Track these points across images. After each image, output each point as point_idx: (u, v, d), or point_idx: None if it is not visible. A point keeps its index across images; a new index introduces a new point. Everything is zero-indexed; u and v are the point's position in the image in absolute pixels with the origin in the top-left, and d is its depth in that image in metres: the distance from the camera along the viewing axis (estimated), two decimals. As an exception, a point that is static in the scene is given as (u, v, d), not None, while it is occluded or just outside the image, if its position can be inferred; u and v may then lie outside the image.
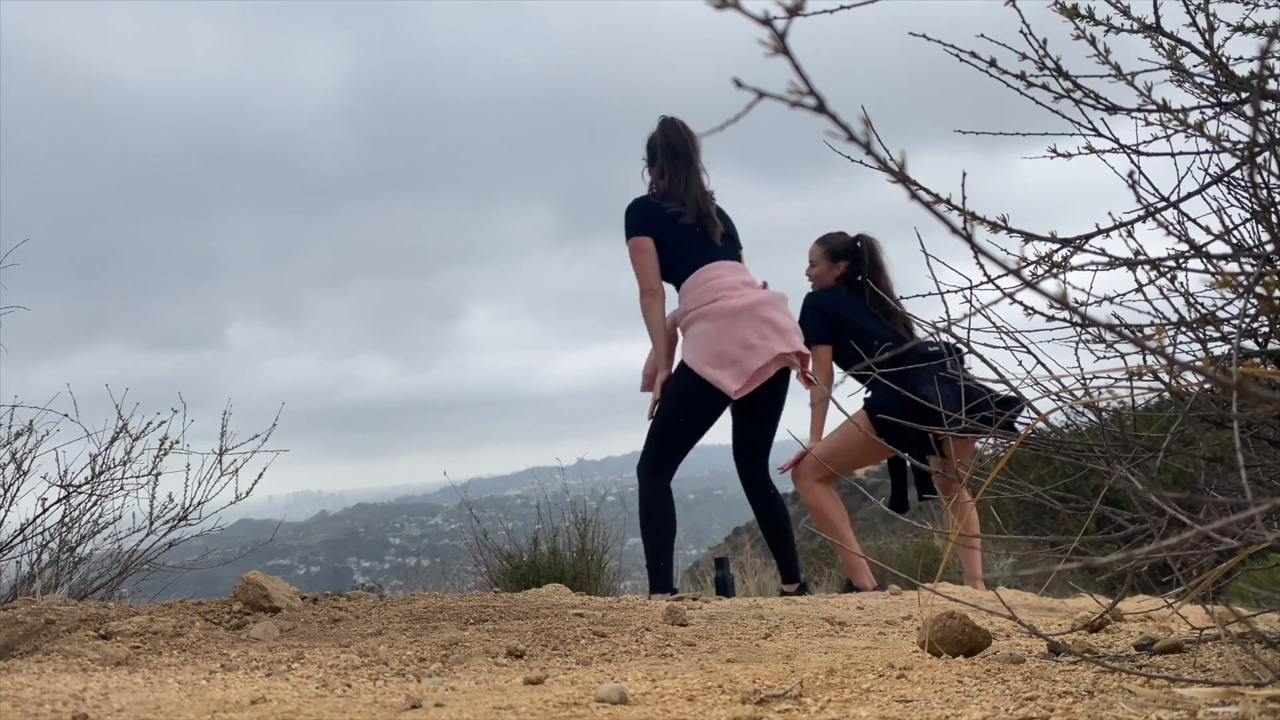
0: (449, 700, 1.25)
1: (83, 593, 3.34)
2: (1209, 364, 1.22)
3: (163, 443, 3.47)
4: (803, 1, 0.54)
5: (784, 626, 2.07)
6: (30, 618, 1.99)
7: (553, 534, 4.99)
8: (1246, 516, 0.84)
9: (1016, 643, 1.68)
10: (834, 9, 1.33)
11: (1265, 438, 1.40)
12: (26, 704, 1.18)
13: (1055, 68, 1.47)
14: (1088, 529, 1.41)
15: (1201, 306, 1.34)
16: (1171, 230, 1.37)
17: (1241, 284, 1.13)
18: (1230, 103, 1.41)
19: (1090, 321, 0.61)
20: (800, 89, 0.56)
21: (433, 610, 2.15)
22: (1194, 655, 1.40)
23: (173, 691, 1.36)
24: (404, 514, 71.14)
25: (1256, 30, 1.51)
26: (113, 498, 3.46)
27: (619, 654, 1.73)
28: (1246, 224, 1.36)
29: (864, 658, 1.54)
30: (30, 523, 3.31)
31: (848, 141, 0.57)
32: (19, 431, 3.31)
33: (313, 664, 1.59)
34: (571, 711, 1.16)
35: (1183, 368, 1.14)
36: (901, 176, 0.68)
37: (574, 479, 5.67)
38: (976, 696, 1.14)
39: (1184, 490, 1.43)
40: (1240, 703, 0.96)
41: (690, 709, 1.15)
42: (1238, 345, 1.18)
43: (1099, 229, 1.38)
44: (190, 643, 1.82)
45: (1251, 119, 0.93)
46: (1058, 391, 1.41)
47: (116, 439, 3.42)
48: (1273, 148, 1.23)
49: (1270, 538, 1.02)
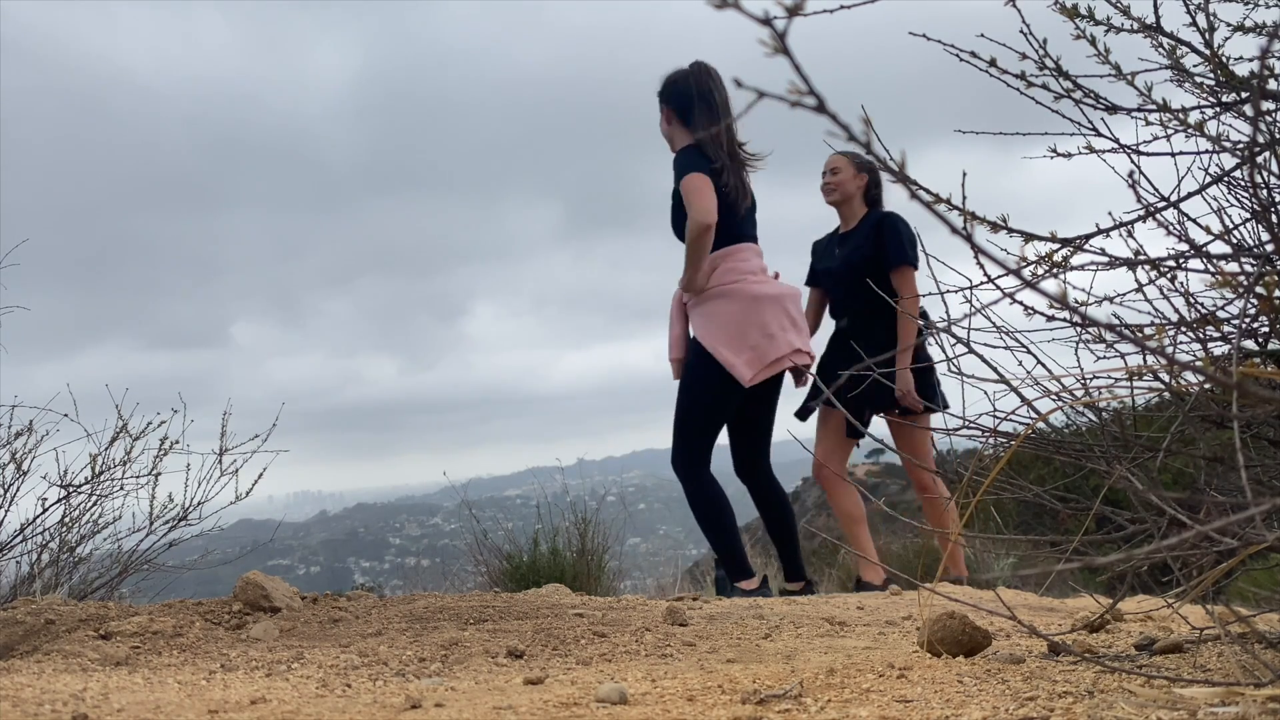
0: (449, 700, 1.25)
1: (83, 593, 3.34)
2: (1209, 364, 1.22)
3: (163, 443, 3.47)
4: (803, 1, 0.54)
5: (784, 626, 2.07)
6: (30, 618, 1.99)
7: (553, 534, 4.99)
8: (1246, 516, 0.84)
9: (1016, 643, 1.68)
10: (834, 9, 1.33)
11: (1265, 438, 1.40)
12: (26, 704, 1.18)
13: (1055, 68, 1.47)
14: (1088, 529, 1.41)
15: (1201, 306, 1.34)
16: (1171, 230, 1.37)
17: (1241, 284, 1.13)
18: (1230, 103, 1.41)
19: (1090, 321, 0.61)
20: (800, 89, 0.56)
21: (433, 610, 2.15)
22: (1194, 655, 1.40)
23: (173, 691, 1.36)
24: (404, 514, 71.15)
25: (1256, 30, 1.51)
26: (113, 498, 3.46)
27: (619, 654, 1.73)
28: (1246, 224, 1.36)
29: (864, 658, 1.54)
30: (30, 523, 3.31)
31: (848, 141, 0.58)
32: (19, 431, 3.31)
33: (313, 664, 1.59)
34: (571, 711, 1.16)
35: (1183, 368, 1.14)
36: (901, 176, 0.68)
37: (574, 479, 5.68)
38: (976, 696, 1.14)
39: (1184, 490, 1.43)
40: (1240, 703, 0.96)
41: (690, 709, 1.15)
42: (1238, 345, 1.18)
43: (1099, 229, 1.38)
44: (190, 643, 1.82)
45: (1251, 119, 0.93)
46: (1058, 391, 1.41)
47: (116, 439, 3.42)
48: (1273, 148, 1.23)
49: (1270, 538, 1.02)
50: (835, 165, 4.02)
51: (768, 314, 3.41)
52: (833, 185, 4.01)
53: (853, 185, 3.98)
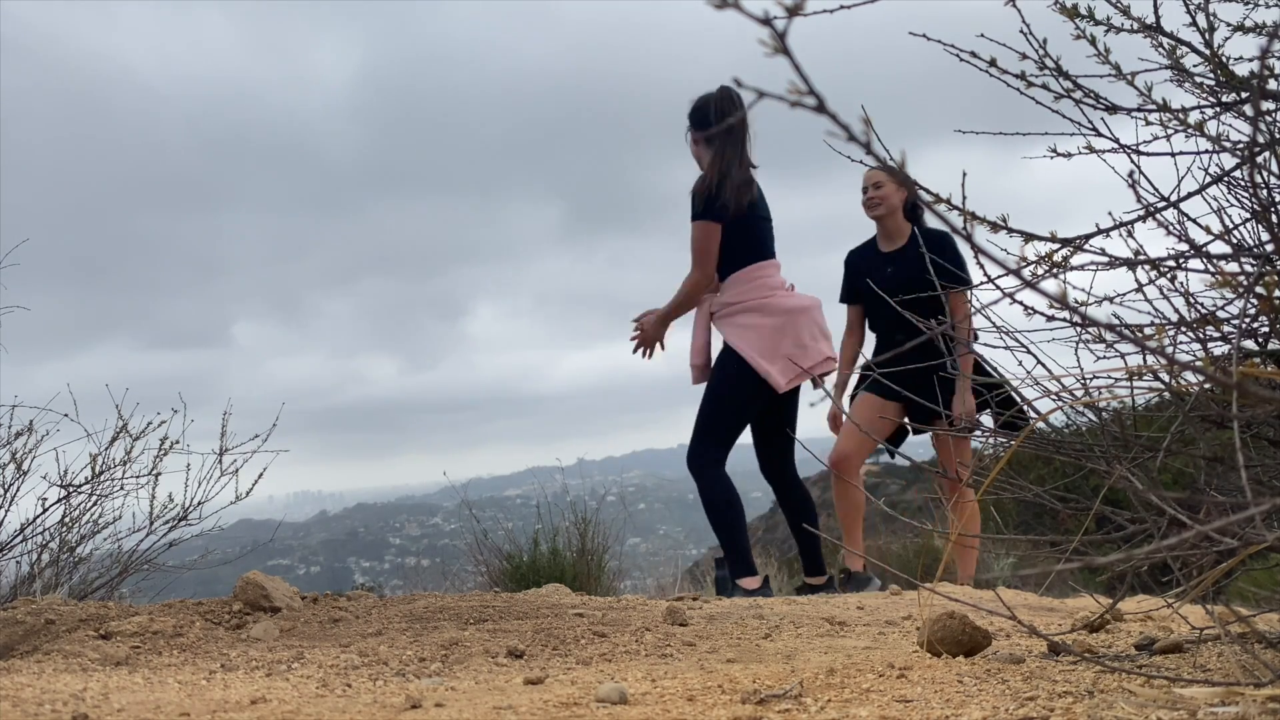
0: (449, 700, 1.25)
1: (83, 593, 3.34)
2: (1209, 364, 1.22)
3: (163, 443, 3.47)
4: (803, 1, 0.54)
5: (784, 626, 2.07)
6: (30, 618, 1.99)
7: (553, 534, 4.99)
8: (1246, 516, 0.84)
9: (1016, 643, 1.68)
10: (834, 9, 1.33)
11: (1265, 438, 1.40)
12: (26, 704, 1.18)
13: (1055, 67, 1.47)
14: (1088, 529, 1.41)
15: (1201, 306, 1.34)
16: (1171, 230, 1.37)
17: (1241, 284, 1.13)
18: (1230, 103, 1.41)
19: (1090, 321, 0.61)
20: (800, 89, 0.56)
21: (433, 610, 2.15)
22: (1194, 655, 1.40)
23: (173, 691, 1.36)
24: (404, 514, 71.09)
25: (1256, 30, 1.51)
26: (113, 498, 3.46)
27: (619, 654, 1.73)
28: (1246, 224, 1.36)
29: (864, 658, 1.54)
30: (30, 523, 3.31)
31: (848, 141, 0.58)
32: (19, 431, 3.31)
33: (313, 664, 1.59)
34: (571, 711, 1.16)
35: (1183, 368, 1.14)
36: (901, 176, 0.68)
37: (574, 479, 5.68)
38: (976, 696, 1.14)
39: (1184, 490, 1.43)
40: (1240, 703, 0.96)
41: (690, 709, 1.15)
42: (1238, 345, 1.18)
43: (1099, 229, 1.38)
44: (190, 643, 1.82)
45: (1251, 119, 0.93)
46: (1058, 391, 1.41)
47: (116, 439, 3.42)
48: (1273, 148, 1.23)
49: (1270, 538, 1.02)
50: (877, 180, 4.07)
51: (800, 326, 3.67)
52: (878, 200, 4.06)
53: (896, 199, 4.06)
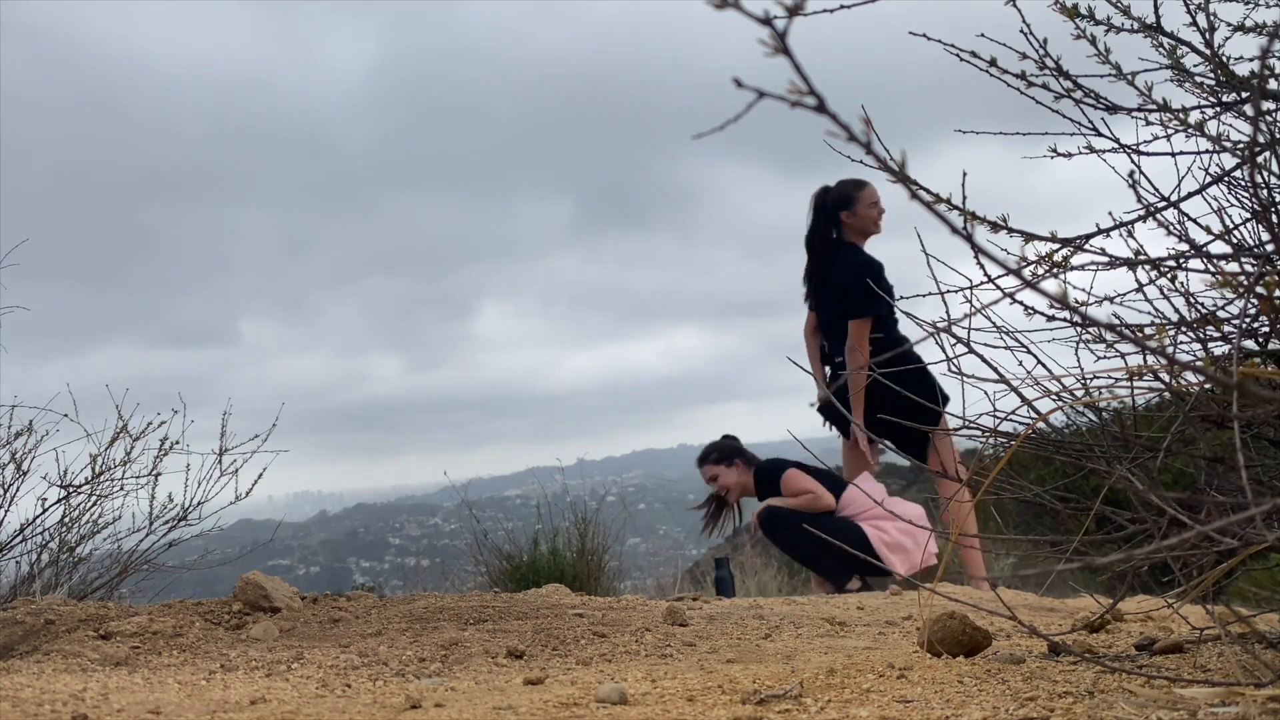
0: (449, 700, 1.25)
1: (82, 593, 3.33)
2: (1209, 364, 1.22)
3: (163, 443, 3.47)
4: (803, 1, 0.54)
5: (784, 626, 2.07)
6: (30, 618, 1.99)
7: (553, 534, 4.99)
8: (1246, 516, 0.84)
9: (1017, 643, 1.68)
10: (834, 9, 1.33)
11: (1265, 438, 1.40)
12: (26, 704, 1.18)
13: (1056, 67, 1.47)
14: (1088, 529, 1.41)
15: (1201, 306, 1.34)
16: (1172, 230, 1.37)
17: (1241, 284, 1.13)
18: (1230, 103, 1.41)
19: (1090, 321, 0.61)
20: (800, 88, 0.56)
21: (433, 610, 2.15)
22: (1194, 655, 1.40)
23: (173, 691, 1.36)
24: (404, 514, 71.02)
25: (1256, 30, 1.51)
26: (113, 498, 3.46)
27: (619, 654, 1.73)
28: (1246, 224, 1.36)
29: (864, 658, 1.54)
30: (30, 523, 3.31)
31: (848, 141, 0.57)
32: (19, 431, 3.31)
33: (312, 664, 1.59)
34: (571, 712, 1.16)
35: (1183, 368, 1.14)
36: (901, 176, 0.68)
37: (574, 479, 5.68)
38: (976, 697, 1.14)
39: (1184, 490, 1.43)
40: (1240, 703, 0.96)
41: (690, 709, 1.15)
42: (1238, 345, 1.18)
43: (1099, 229, 1.38)
44: (190, 643, 1.82)
45: (1251, 119, 0.93)
46: (1058, 391, 1.41)
47: (116, 439, 3.42)
48: (1273, 148, 1.23)
49: (1270, 538, 1.02)
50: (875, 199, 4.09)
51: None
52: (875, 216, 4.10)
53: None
